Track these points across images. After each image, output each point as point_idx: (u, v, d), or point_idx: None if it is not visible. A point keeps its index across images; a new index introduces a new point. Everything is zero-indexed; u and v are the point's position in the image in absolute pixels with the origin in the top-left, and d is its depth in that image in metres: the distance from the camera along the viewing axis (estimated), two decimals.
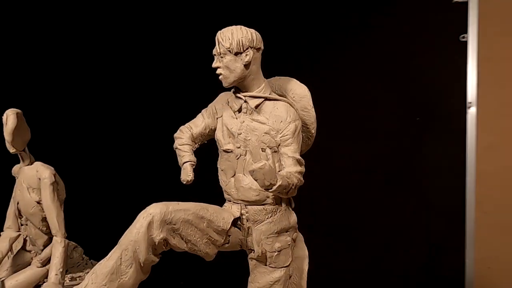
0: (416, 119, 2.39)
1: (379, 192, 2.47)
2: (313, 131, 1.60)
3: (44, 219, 1.80)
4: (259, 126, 1.49)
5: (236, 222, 1.52)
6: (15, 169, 1.87)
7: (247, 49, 1.43)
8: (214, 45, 1.47)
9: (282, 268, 1.52)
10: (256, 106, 1.49)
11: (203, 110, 1.62)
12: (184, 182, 1.50)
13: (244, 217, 1.52)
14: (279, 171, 1.44)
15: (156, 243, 1.35)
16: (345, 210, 2.51)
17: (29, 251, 1.90)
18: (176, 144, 1.61)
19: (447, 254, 2.39)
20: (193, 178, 1.51)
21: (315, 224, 2.45)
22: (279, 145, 1.48)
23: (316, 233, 2.48)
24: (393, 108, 2.43)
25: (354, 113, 2.48)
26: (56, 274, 1.73)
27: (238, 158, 1.51)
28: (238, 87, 1.51)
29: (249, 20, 1.53)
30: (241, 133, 1.50)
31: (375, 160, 2.46)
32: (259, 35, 1.48)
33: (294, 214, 1.58)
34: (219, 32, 1.47)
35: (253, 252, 1.51)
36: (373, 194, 2.47)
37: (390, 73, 2.42)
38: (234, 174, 1.52)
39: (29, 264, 1.87)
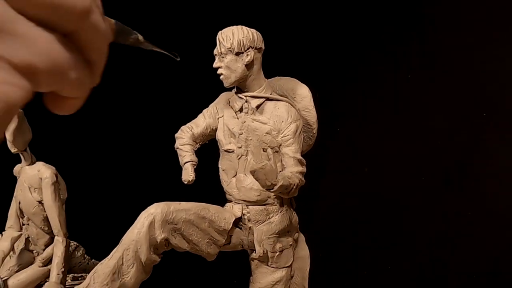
0: (483, 115, 2.11)
1: (434, 196, 2.23)
2: (314, 131, 1.61)
3: (46, 219, 1.80)
4: (260, 126, 1.49)
5: (238, 222, 1.53)
6: (16, 168, 1.88)
7: (248, 49, 1.43)
8: (215, 45, 1.47)
9: (284, 268, 1.52)
10: (257, 106, 1.49)
11: (204, 110, 1.62)
12: (186, 182, 1.50)
13: (245, 217, 1.52)
14: (280, 171, 1.45)
15: (158, 243, 1.36)
16: (397, 215, 2.32)
17: (31, 251, 1.90)
18: (177, 144, 1.61)
19: None
20: (195, 178, 1.51)
21: (361, 231, 2.35)
22: (280, 145, 1.48)
23: (364, 239, 2.39)
24: (452, 103, 2.19)
25: (408, 109, 2.26)
26: (58, 274, 1.73)
27: (239, 158, 1.51)
28: (239, 87, 1.51)
29: (252, 20, 1.52)
30: (242, 133, 1.50)
31: (431, 160, 2.22)
32: (260, 35, 1.48)
33: (296, 214, 1.58)
34: (220, 32, 1.47)
35: (255, 252, 1.52)
36: (427, 198, 2.24)
37: (449, 64, 2.19)
38: (236, 174, 1.52)
39: (32, 264, 1.87)
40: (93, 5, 0.23)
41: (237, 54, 1.43)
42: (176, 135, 1.62)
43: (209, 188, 1.62)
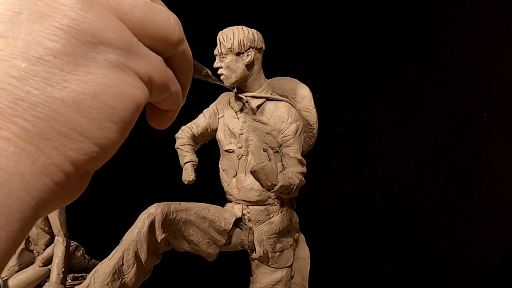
0: (484, 115, 2.07)
1: (435, 196, 2.20)
2: (315, 131, 1.61)
3: (46, 219, 1.80)
4: (260, 126, 1.49)
5: (238, 222, 1.53)
6: None
7: (248, 49, 1.43)
8: (216, 45, 1.47)
9: (284, 269, 1.52)
10: (258, 106, 1.50)
11: (204, 110, 1.62)
12: (186, 182, 1.50)
13: (246, 217, 1.52)
14: (280, 171, 1.45)
15: (158, 243, 1.36)
16: (398, 215, 2.30)
17: (32, 251, 1.90)
18: (178, 144, 1.61)
19: None
20: (195, 178, 1.51)
21: (362, 231, 2.33)
22: (281, 145, 1.48)
23: (364, 239, 2.37)
24: (453, 103, 2.16)
25: (408, 109, 2.23)
26: (58, 274, 1.73)
27: (240, 158, 1.51)
28: (240, 87, 1.51)
29: (252, 20, 1.52)
30: (242, 133, 1.50)
31: (432, 161, 2.19)
32: (261, 35, 1.48)
33: (296, 215, 1.59)
34: (220, 32, 1.47)
35: (255, 252, 1.52)
36: (428, 199, 2.21)
37: (450, 64, 2.16)
38: (236, 175, 1.53)
39: (32, 264, 1.87)
40: (184, 37, 0.30)
41: (238, 54, 1.43)
42: (177, 135, 1.63)
43: (209, 188, 1.62)
